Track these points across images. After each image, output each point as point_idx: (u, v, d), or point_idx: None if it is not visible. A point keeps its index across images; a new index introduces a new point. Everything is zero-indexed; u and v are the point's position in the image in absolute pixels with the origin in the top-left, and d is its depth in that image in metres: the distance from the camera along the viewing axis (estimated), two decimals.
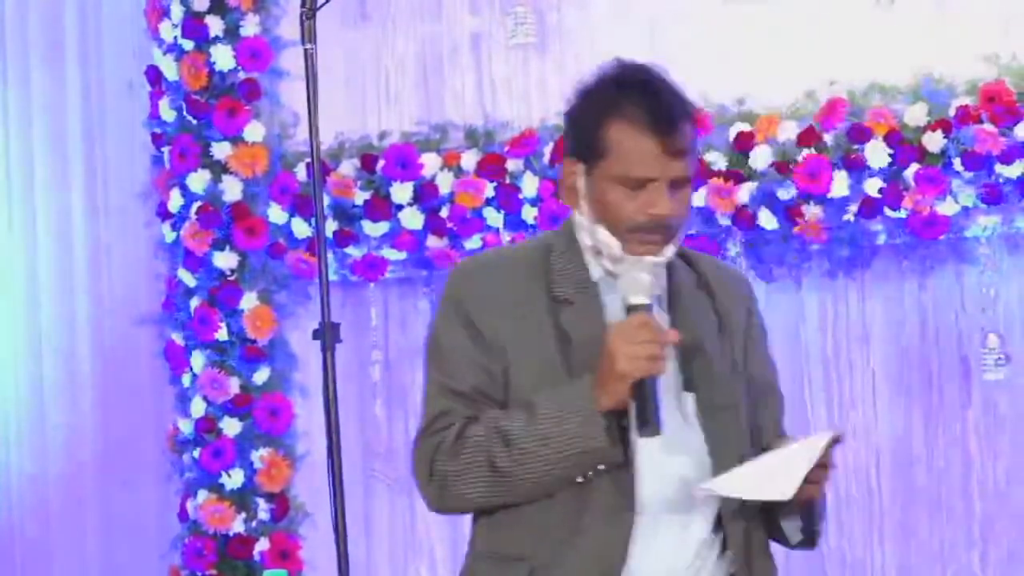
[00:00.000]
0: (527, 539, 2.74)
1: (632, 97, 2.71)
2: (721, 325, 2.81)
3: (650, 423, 2.62)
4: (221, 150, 5.12)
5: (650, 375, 2.61)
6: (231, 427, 5.11)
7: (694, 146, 2.75)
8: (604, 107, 2.74)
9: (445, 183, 4.97)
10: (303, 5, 3.63)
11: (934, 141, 4.49)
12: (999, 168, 4.44)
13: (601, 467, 2.67)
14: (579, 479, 2.69)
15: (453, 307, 2.81)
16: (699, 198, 4.70)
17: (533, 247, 2.86)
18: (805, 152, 4.61)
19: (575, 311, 2.75)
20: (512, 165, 4.92)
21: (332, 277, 4.88)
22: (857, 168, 4.56)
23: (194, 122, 5.14)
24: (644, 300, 2.66)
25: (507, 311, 2.77)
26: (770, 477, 2.66)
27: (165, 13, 5.19)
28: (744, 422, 2.78)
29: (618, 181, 2.71)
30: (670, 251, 2.74)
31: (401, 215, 5.01)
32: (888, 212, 4.54)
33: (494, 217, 4.93)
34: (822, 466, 2.68)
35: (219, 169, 5.13)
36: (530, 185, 4.87)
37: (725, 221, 4.71)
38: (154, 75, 5.24)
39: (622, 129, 2.71)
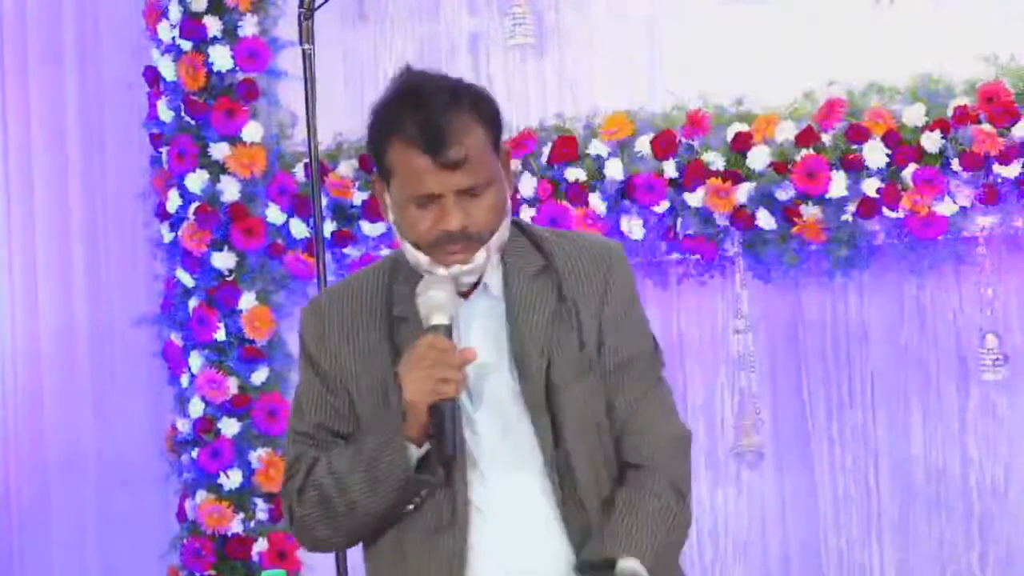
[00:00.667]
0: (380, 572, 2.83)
1: (404, 114, 2.66)
2: (565, 308, 2.75)
3: (445, 449, 2.61)
4: (219, 150, 5.12)
5: (441, 399, 2.61)
6: (229, 427, 5.11)
7: (483, 148, 2.67)
8: (384, 126, 2.69)
9: None
10: (301, 5, 3.64)
11: (932, 141, 4.49)
12: (997, 168, 4.44)
13: (423, 493, 2.68)
14: (409, 507, 2.70)
15: (301, 349, 2.84)
16: (697, 198, 4.70)
17: (380, 268, 2.84)
18: (803, 152, 4.60)
19: (410, 327, 2.72)
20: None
21: (330, 277, 4.88)
22: (855, 168, 4.56)
23: (192, 122, 5.14)
24: (440, 320, 2.65)
25: (344, 343, 2.78)
26: None
27: (163, 13, 5.19)
28: (582, 402, 2.72)
29: (407, 201, 2.68)
30: (481, 257, 2.68)
31: None
32: (886, 212, 4.54)
33: None
34: None
35: (217, 169, 5.13)
36: (528, 186, 4.87)
37: (723, 221, 4.71)
38: (152, 75, 5.24)
39: (397, 149, 2.66)
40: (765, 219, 4.66)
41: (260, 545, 5.09)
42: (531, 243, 2.81)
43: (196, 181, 5.12)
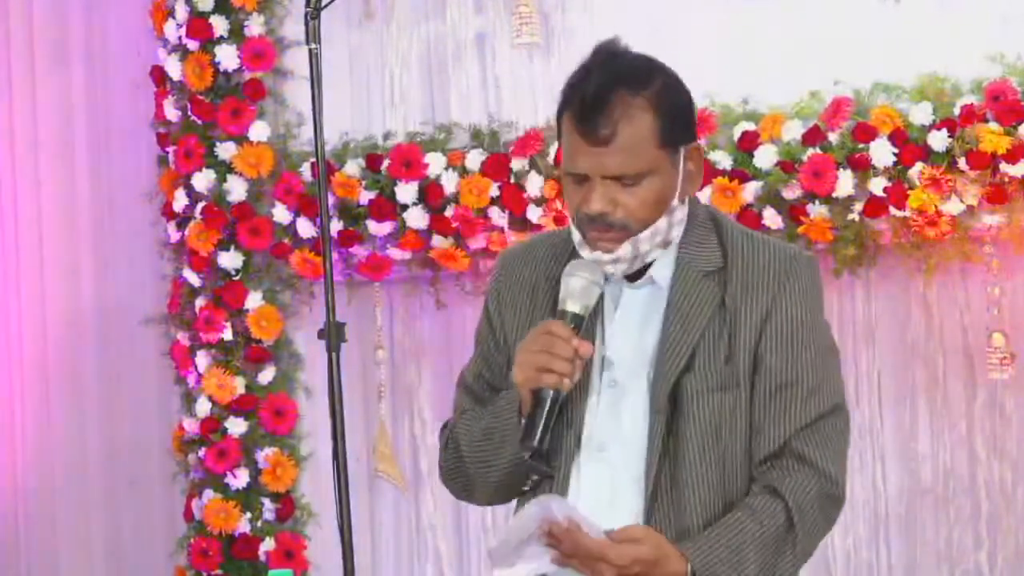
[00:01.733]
0: None
1: (577, 85, 2.64)
2: (723, 316, 2.66)
3: (528, 437, 2.57)
4: (226, 150, 5.12)
5: (543, 387, 2.57)
6: (236, 427, 5.11)
7: (646, 137, 2.60)
8: (563, 94, 2.68)
9: (450, 183, 4.97)
10: (307, 5, 3.63)
11: (939, 140, 4.48)
12: (1004, 167, 4.44)
13: (534, 477, 2.66)
14: (525, 487, 2.68)
15: (485, 299, 2.86)
16: (703, 197, 4.69)
17: (568, 233, 2.78)
18: (810, 151, 4.60)
19: None
20: (517, 165, 4.91)
21: (337, 277, 4.88)
22: (862, 167, 4.56)
23: (199, 122, 5.15)
24: (572, 308, 2.62)
25: (513, 303, 2.78)
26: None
27: (170, 13, 5.19)
28: (712, 416, 2.63)
29: (566, 173, 2.66)
30: (626, 250, 2.63)
31: (406, 215, 5.00)
32: (893, 211, 4.54)
33: (499, 217, 4.93)
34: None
35: (224, 169, 5.13)
36: (535, 185, 4.87)
37: None
38: (159, 75, 5.25)
39: (565, 121, 2.66)
40: (771, 218, 4.65)
41: (267, 545, 5.10)
42: (718, 239, 2.72)
43: (203, 181, 5.13)
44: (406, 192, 5.00)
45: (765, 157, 4.66)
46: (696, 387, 2.63)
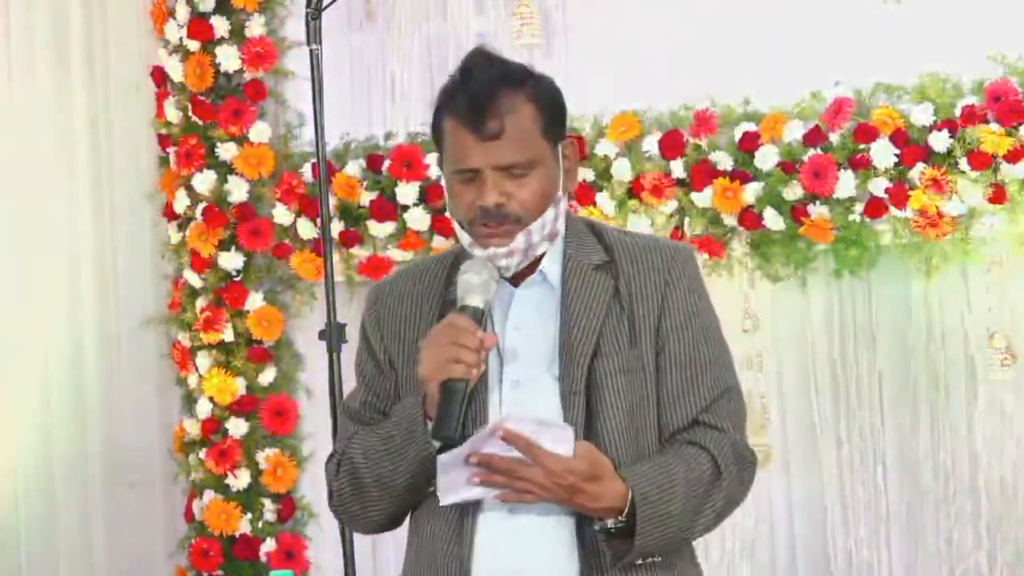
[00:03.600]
0: (409, 559, 2.80)
1: (456, 90, 2.73)
2: (620, 304, 2.75)
3: (443, 428, 2.61)
4: (227, 151, 5.12)
5: (452, 379, 2.61)
6: (237, 428, 5.11)
7: (531, 129, 2.70)
8: (441, 100, 2.77)
9: None
10: (308, 6, 3.64)
11: (940, 141, 4.48)
12: (1005, 168, 4.43)
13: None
14: (430, 487, 2.69)
15: (361, 328, 2.89)
16: (705, 198, 4.70)
17: (444, 257, 2.89)
18: (811, 152, 4.60)
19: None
20: None
21: (338, 278, 4.88)
22: (863, 168, 4.55)
23: (200, 123, 5.15)
24: (473, 302, 2.67)
25: (399, 329, 2.82)
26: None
27: (170, 14, 5.20)
28: (624, 398, 2.70)
29: (453, 177, 2.74)
30: (520, 241, 2.70)
31: (407, 215, 5.01)
32: (894, 212, 4.54)
33: None
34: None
35: (225, 170, 5.14)
36: None
37: (731, 221, 4.71)
38: (160, 76, 5.25)
39: (447, 124, 2.73)
40: (773, 219, 4.65)
41: (268, 545, 5.10)
42: (596, 238, 2.82)
43: (204, 181, 5.13)
44: (407, 193, 5.00)
45: (766, 158, 4.66)
46: (607, 369, 2.71)
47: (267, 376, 5.16)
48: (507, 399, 2.71)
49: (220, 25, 5.13)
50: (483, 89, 2.68)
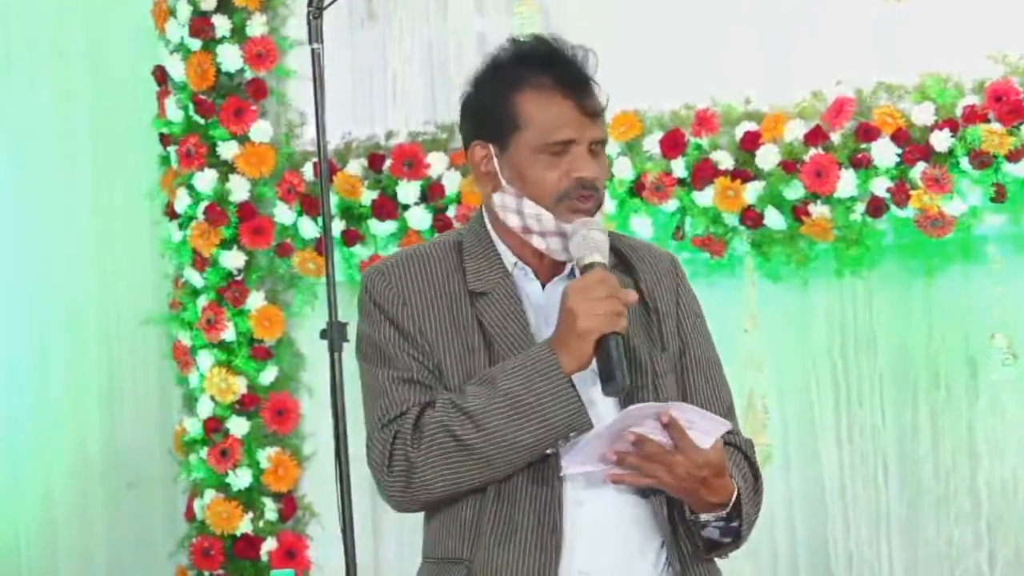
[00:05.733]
0: (464, 541, 2.73)
1: (537, 67, 2.73)
2: (643, 305, 2.78)
3: (615, 379, 2.60)
4: (228, 150, 5.13)
5: (613, 332, 2.61)
6: (238, 427, 5.11)
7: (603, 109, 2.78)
8: (510, 82, 2.74)
9: (452, 182, 4.98)
10: (310, 4, 3.63)
11: (941, 140, 4.48)
12: (1006, 167, 4.44)
13: (572, 434, 2.64)
14: (548, 451, 2.66)
15: (376, 310, 2.79)
16: (706, 197, 4.70)
17: (442, 243, 2.85)
18: (812, 151, 4.60)
19: (490, 301, 2.74)
20: None
21: (339, 277, 4.88)
22: (864, 167, 4.55)
23: (201, 122, 5.15)
24: (598, 259, 2.66)
25: (427, 307, 2.77)
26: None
27: (172, 12, 5.20)
28: (668, 395, 2.75)
29: (538, 151, 2.72)
30: (600, 218, 2.73)
31: (408, 215, 5.01)
32: (895, 211, 4.54)
33: None
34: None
35: (226, 169, 5.14)
36: None
37: (732, 221, 4.71)
38: (161, 75, 5.25)
39: (533, 98, 2.72)
40: (774, 218, 4.65)
41: (269, 545, 5.10)
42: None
43: (205, 180, 5.13)
44: (408, 192, 5.00)
45: (767, 157, 4.66)
46: (651, 368, 2.76)
47: (268, 375, 5.16)
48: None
49: (221, 24, 5.13)
50: (581, 65, 2.74)
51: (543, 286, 2.79)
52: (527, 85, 2.72)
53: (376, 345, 2.78)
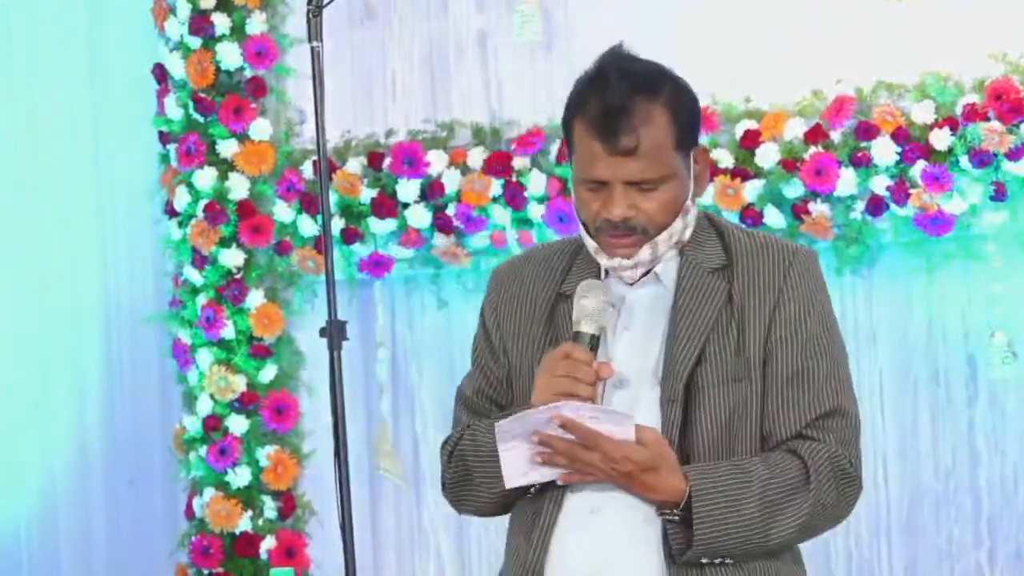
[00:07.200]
0: (512, 534, 2.78)
1: (589, 94, 2.65)
2: (731, 311, 2.69)
3: None
4: (227, 148, 5.12)
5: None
6: (238, 425, 5.11)
7: (663, 142, 2.62)
8: (573, 103, 2.69)
9: (452, 181, 4.97)
10: (309, 3, 3.63)
11: (941, 139, 4.48)
12: (1006, 166, 4.44)
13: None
14: (529, 492, 2.69)
15: (481, 312, 2.86)
16: (706, 196, 4.69)
17: (568, 243, 2.85)
18: (812, 150, 4.60)
19: (568, 305, 2.72)
20: (519, 163, 4.91)
21: (339, 275, 4.88)
22: (864, 166, 4.55)
23: (201, 120, 5.15)
24: (588, 329, 2.63)
25: (511, 314, 2.80)
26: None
27: (171, 10, 5.19)
28: (726, 407, 2.66)
29: (579, 181, 2.68)
30: (645, 254, 2.67)
31: (408, 213, 5.01)
32: (895, 210, 4.54)
33: (501, 215, 4.93)
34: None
35: (225, 167, 5.14)
36: (537, 183, 4.86)
37: (732, 219, 4.70)
38: (160, 73, 5.25)
39: (578, 129, 2.67)
40: (774, 217, 4.66)
41: (268, 543, 5.10)
42: (718, 238, 2.77)
43: (204, 178, 5.13)
44: (408, 190, 5.00)
45: (767, 155, 4.66)
46: (709, 379, 2.66)
47: (268, 373, 5.16)
48: (608, 400, 2.67)
49: (221, 22, 5.13)
50: (617, 99, 2.59)
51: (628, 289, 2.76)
52: (579, 112, 2.66)
53: (473, 348, 2.88)
